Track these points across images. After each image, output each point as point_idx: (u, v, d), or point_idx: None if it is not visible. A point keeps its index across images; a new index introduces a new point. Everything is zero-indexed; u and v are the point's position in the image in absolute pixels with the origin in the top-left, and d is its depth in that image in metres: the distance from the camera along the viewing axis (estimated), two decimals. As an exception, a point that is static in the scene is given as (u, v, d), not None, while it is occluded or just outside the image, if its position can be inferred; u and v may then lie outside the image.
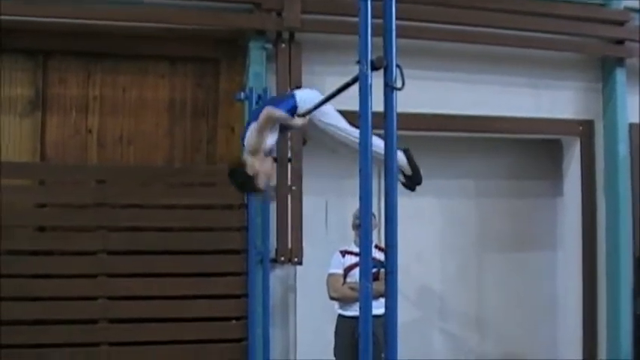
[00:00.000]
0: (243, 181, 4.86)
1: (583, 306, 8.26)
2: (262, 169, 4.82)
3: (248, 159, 4.82)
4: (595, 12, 8.29)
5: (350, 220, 7.01)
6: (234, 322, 7.19)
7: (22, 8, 6.85)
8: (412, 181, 5.18)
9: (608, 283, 8.20)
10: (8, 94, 7.23)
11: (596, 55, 8.43)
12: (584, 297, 8.26)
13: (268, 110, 4.78)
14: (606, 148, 8.34)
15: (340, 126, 5.01)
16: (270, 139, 4.89)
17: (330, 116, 5.02)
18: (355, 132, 4.60)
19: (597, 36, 8.34)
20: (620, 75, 8.28)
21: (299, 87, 6.54)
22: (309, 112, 4.83)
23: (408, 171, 5.14)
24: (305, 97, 4.94)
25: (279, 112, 4.81)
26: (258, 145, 4.79)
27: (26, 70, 7.28)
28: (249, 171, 4.78)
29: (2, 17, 6.77)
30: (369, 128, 3.40)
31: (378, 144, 3.91)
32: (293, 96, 5.05)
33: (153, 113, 7.56)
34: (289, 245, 7.26)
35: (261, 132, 4.76)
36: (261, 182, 4.85)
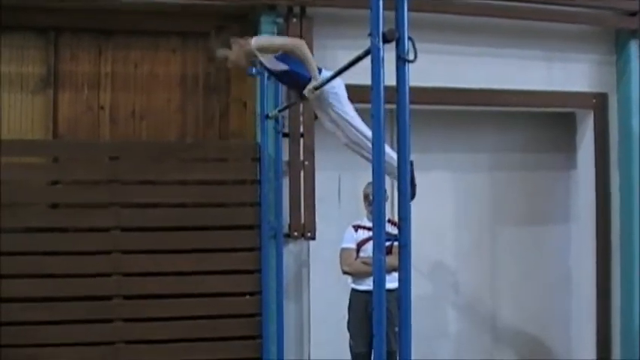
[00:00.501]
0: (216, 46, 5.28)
1: (596, 279, 8.25)
2: (234, 56, 5.19)
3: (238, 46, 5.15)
4: (608, -17, 8.23)
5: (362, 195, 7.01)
6: (247, 297, 7.22)
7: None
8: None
9: (621, 256, 8.19)
10: (20, 71, 7.23)
11: (610, 28, 8.37)
12: (598, 270, 8.25)
13: (303, 45, 4.99)
14: (620, 121, 8.30)
15: (355, 124, 5.05)
16: (266, 59, 5.13)
17: (344, 105, 5.05)
18: (368, 132, 4.66)
19: (611, 7, 8.26)
20: (634, 47, 8.21)
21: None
22: (322, 84, 4.84)
23: None
24: (326, 77, 4.93)
25: (307, 52, 5.00)
26: (264, 48, 5.05)
27: (38, 47, 7.27)
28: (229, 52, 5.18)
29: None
30: (382, 101, 3.38)
31: (390, 154, 3.95)
32: (320, 71, 5.11)
33: (165, 89, 7.55)
34: (302, 220, 7.27)
35: (276, 48, 5.01)
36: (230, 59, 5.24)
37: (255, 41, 5.11)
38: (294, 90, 5.42)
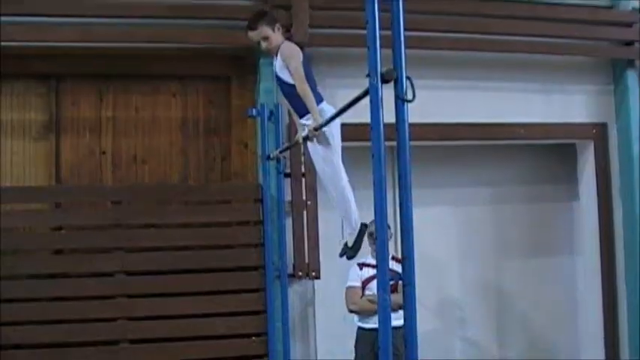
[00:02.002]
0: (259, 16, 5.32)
1: (603, 310, 8.23)
2: (271, 39, 5.23)
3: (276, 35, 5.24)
4: (603, 14, 8.31)
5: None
6: (254, 338, 7.18)
7: (34, 33, 6.90)
8: (345, 252, 5.35)
9: (627, 286, 8.16)
10: (22, 118, 7.28)
11: (607, 58, 8.43)
12: (604, 301, 8.23)
13: (306, 87, 5.03)
14: (620, 150, 8.32)
15: (334, 169, 5.15)
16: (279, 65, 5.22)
17: (334, 146, 5.12)
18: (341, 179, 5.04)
19: (606, 38, 8.34)
20: (632, 76, 8.27)
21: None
22: (325, 124, 4.86)
23: (350, 242, 5.28)
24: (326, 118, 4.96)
25: (309, 95, 5.04)
26: (284, 57, 5.14)
27: (39, 94, 7.33)
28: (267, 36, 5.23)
29: (15, 43, 6.83)
30: (382, 140, 3.39)
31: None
32: (321, 101, 5.23)
33: (166, 132, 7.60)
34: (306, 260, 7.27)
35: (291, 67, 5.08)
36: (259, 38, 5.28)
37: (287, 46, 5.20)
38: (290, 103, 5.44)
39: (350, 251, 5.31)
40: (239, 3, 7.40)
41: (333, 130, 5.12)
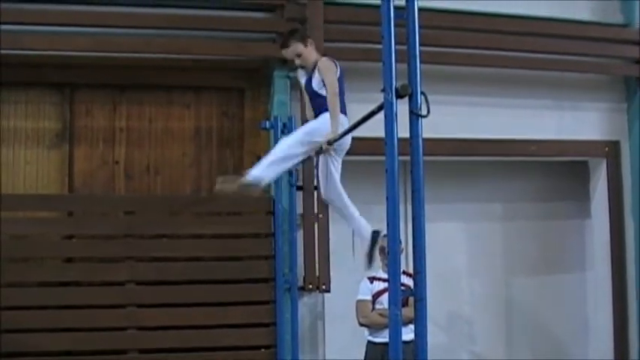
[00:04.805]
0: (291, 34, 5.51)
1: (614, 328, 8.19)
2: (305, 55, 5.39)
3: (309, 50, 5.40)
4: (616, 32, 8.30)
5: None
6: (263, 350, 7.17)
7: (49, 42, 6.93)
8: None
9: (638, 304, 8.13)
10: (37, 127, 7.32)
11: (619, 76, 8.43)
12: (615, 319, 8.19)
13: (336, 101, 5.10)
14: (633, 167, 8.30)
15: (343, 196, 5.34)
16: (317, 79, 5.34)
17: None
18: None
19: (619, 56, 8.33)
20: (644, 94, 8.27)
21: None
22: (339, 138, 4.90)
23: (366, 249, 5.37)
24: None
25: (337, 109, 5.08)
26: (320, 71, 5.26)
27: (54, 103, 7.37)
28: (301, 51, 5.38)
29: (30, 52, 6.88)
30: (396, 156, 3.40)
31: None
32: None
33: (179, 143, 7.62)
34: (317, 273, 7.26)
35: (326, 81, 5.19)
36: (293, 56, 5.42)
37: (326, 60, 5.31)
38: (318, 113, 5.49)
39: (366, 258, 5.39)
40: (253, 15, 7.44)
41: (346, 148, 5.20)
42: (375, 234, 5.27)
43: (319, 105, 5.29)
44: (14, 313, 6.59)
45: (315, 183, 7.20)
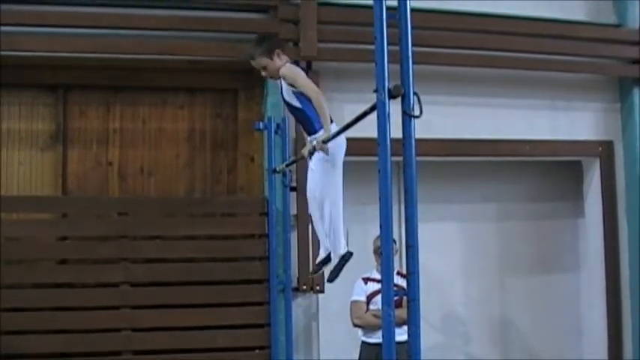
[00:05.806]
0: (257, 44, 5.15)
1: (607, 327, 8.21)
2: (269, 67, 5.08)
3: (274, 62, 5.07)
4: (610, 33, 8.32)
5: (372, 247, 7.00)
6: (257, 351, 7.18)
7: (42, 44, 6.93)
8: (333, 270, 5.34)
9: (631, 302, 8.15)
10: (30, 128, 7.32)
11: (613, 76, 8.44)
12: (609, 318, 8.21)
13: (322, 97, 4.95)
14: (626, 167, 8.32)
15: (333, 195, 5.13)
16: (285, 87, 5.09)
17: (335, 167, 5.11)
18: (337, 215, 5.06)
19: (613, 56, 8.34)
20: (638, 94, 8.27)
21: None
22: (332, 137, 4.87)
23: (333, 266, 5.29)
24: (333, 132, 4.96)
25: (324, 105, 4.92)
26: (288, 79, 5.00)
27: (47, 104, 7.37)
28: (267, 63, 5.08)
29: (24, 53, 6.87)
30: (389, 156, 3.39)
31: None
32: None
33: (173, 144, 7.62)
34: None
35: (298, 85, 4.96)
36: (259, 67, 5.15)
37: (286, 68, 5.11)
38: (302, 126, 5.43)
39: (330, 276, 5.32)
40: (247, 16, 7.45)
41: (339, 150, 5.12)
42: (348, 255, 5.23)
43: (302, 120, 5.19)
44: (9, 315, 6.58)
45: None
